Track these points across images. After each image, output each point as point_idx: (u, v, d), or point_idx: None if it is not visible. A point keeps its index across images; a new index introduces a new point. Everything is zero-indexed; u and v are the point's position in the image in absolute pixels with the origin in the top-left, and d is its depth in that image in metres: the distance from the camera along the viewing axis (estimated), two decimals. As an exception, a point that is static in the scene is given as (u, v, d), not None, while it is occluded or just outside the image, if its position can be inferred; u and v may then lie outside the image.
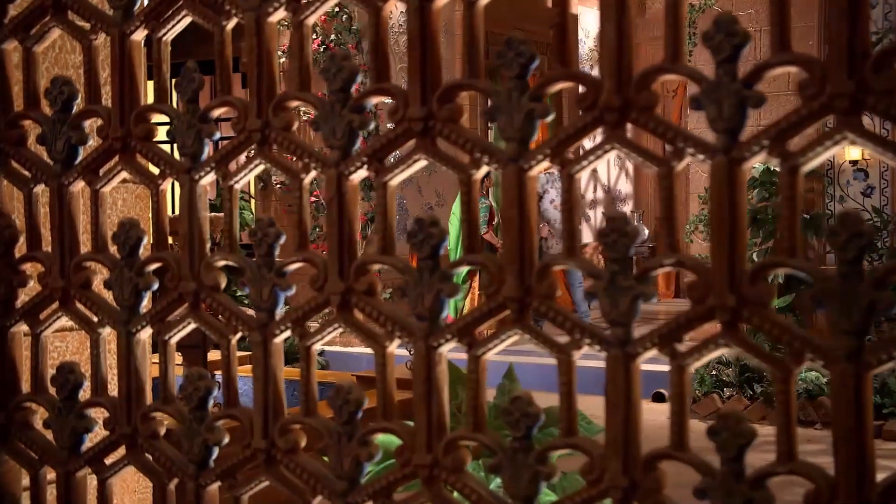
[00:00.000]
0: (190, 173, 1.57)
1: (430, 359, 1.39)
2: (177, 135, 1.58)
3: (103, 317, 1.66)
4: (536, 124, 1.32)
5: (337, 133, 1.44)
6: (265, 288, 1.50)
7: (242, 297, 8.62)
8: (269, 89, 1.51)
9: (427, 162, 1.41)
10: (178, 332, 1.61)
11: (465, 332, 1.37)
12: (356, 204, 1.46)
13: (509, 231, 1.33)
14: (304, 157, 1.48)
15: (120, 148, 1.65)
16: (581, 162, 1.29)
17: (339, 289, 1.45)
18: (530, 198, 1.34)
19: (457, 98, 1.39)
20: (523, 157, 1.32)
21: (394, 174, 1.43)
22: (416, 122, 1.39)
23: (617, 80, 1.26)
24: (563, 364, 1.30)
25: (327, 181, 1.45)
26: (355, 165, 1.44)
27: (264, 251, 1.50)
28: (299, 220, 1.50)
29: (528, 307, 1.33)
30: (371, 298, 1.44)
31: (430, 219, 1.39)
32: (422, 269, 1.38)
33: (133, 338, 1.64)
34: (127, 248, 1.62)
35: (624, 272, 1.26)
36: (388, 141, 1.42)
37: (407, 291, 1.40)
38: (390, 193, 1.44)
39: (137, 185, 2.29)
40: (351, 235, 1.45)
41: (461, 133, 1.37)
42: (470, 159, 1.36)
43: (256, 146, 1.52)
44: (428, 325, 1.38)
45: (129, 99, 1.64)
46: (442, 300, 1.38)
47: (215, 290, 1.57)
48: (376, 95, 1.43)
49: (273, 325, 1.51)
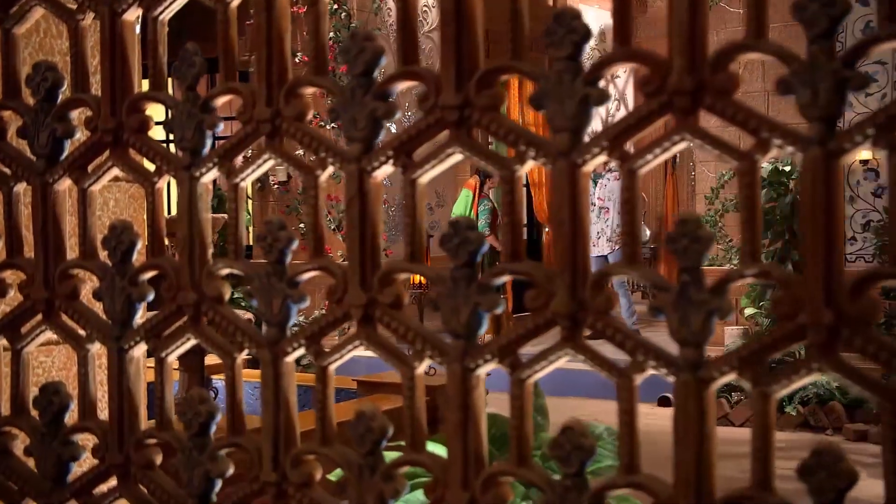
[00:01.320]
0: (190, 170, 1.39)
1: (466, 382, 1.21)
2: (175, 126, 1.40)
3: (92, 331, 1.48)
4: (591, 112, 1.14)
5: (358, 123, 1.26)
6: (276, 300, 1.31)
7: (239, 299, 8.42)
8: (279, 74, 1.33)
9: (462, 156, 1.23)
10: (177, 348, 1.43)
11: (507, 351, 1.19)
12: (380, 204, 1.28)
13: (559, 237, 1.15)
14: (321, 151, 1.30)
15: (111, 141, 1.46)
16: (644, 156, 1.12)
17: (360, 301, 1.27)
18: (583, 198, 1.16)
19: (497, 83, 1.21)
20: (576, 149, 1.14)
21: (424, 170, 1.25)
22: (451, 110, 1.21)
23: (689, 59, 1.08)
24: (623, 390, 1.12)
25: (347, 178, 1.27)
26: (379, 160, 1.26)
27: (275, 258, 1.31)
28: (314, 223, 1.32)
29: (581, 324, 1.15)
30: (397, 312, 1.26)
31: (467, 222, 1.21)
32: (456, 278, 1.20)
33: (126, 355, 1.46)
34: (119, 254, 1.44)
35: (696, 283, 1.08)
36: (418, 132, 1.24)
37: (439, 305, 1.22)
38: (420, 192, 1.26)
39: (131, 183, 2.11)
40: (374, 240, 1.27)
41: (502, 123, 1.19)
42: (514, 153, 1.18)
43: (266, 138, 1.34)
44: (464, 344, 1.20)
45: (121, 86, 1.46)
46: (480, 315, 1.20)
47: (218, 301, 1.39)
48: (404, 80, 1.25)
49: (285, 343, 1.32)
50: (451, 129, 1.22)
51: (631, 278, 10.69)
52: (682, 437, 1.08)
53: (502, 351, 1.19)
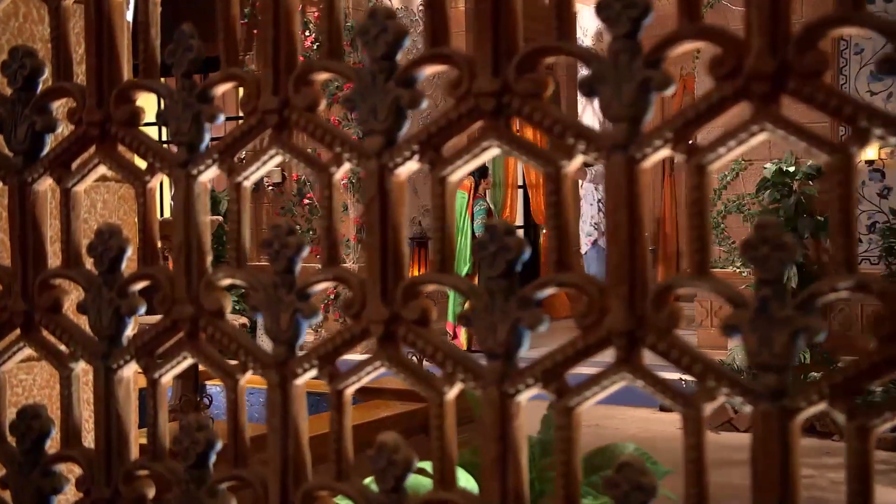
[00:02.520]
0: (186, 167, 1.23)
1: (504, 410, 1.05)
2: (169, 118, 1.24)
3: (76, 348, 1.32)
4: (652, 99, 0.99)
5: (379, 113, 1.10)
6: (284, 314, 1.16)
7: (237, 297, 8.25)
8: (288, 58, 1.18)
9: (500, 151, 1.07)
10: (171, 368, 1.27)
11: (553, 375, 1.04)
12: (403, 206, 1.12)
13: (615, 242, 1.00)
14: (336, 146, 1.14)
15: (97, 135, 1.30)
16: (716, 149, 0.96)
17: (381, 316, 1.11)
18: (643, 198, 1.00)
19: (540, 67, 1.05)
20: (635, 142, 0.99)
21: (455, 166, 1.09)
22: (486, 97, 1.05)
23: (770, 37, 0.92)
24: (690, 422, 0.97)
25: (367, 176, 1.12)
26: (403, 156, 1.10)
27: (283, 266, 1.16)
28: (328, 226, 1.16)
29: (640, 343, 0.99)
30: (423, 329, 1.10)
31: (505, 226, 1.05)
32: (493, 291, 1.04)
33: (114, 375, 1.29)
34: (106, 262, 1.28)
35: (779, 298, 0.92)
36: (448, 123, 1.08)
37: (474, 321, 1.06)
38: (450, 192, 1.10)
39: (120, 183, 1.94)
40: (397, 247, 1.11)
41: (547, 112, 1.04)
42: (561, 147, 1.03)
43: (272, 131, 1.18)
44: (502, 366, 1.05)
45: (109, 74, 1.30)
46: (520, 332, 1.05)
47: (218, 315, 1.23)
48: (432, 63, 1.09)
49: (294, 363, 1.17)
50: (487, 120, 1.06)
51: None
52: (762, 478, 0.93)
53: (547, 374, 1.04)
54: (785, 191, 8.57)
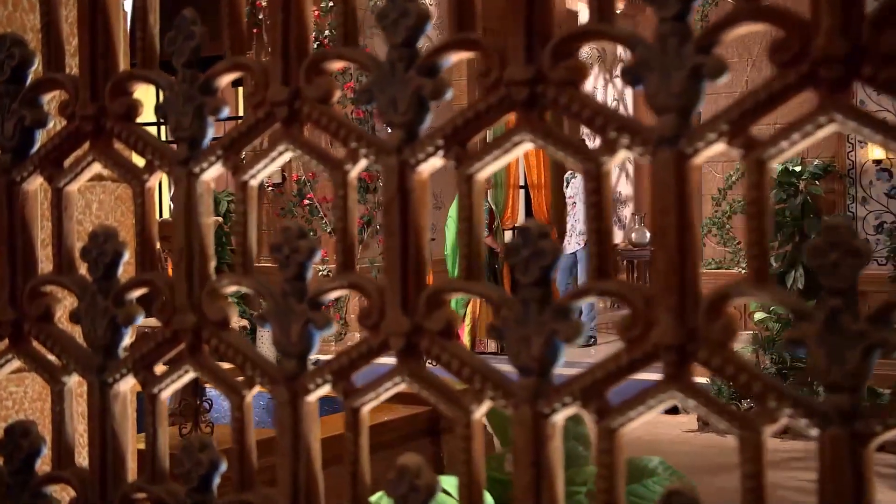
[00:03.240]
0: (187, 165, 1.14)
1: (539, 432, 0.95)
2: (169, 112, 1.14)
3: (69, 361, 1.22)
4: (704, 88, 0.89)
5: (399, 105, 1.00)
6: (294, 325, 1.06)
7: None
8: (299, 45, 1.08)
9: (533, 145, 0.97)
10: (172, 383, 1.17)
11: (593, 393, 0.94)
12: (426, 206, 1.03)
13: (663, 248, 0.90)
14: (352, 141, 1.04)
15: (91, 131, 1.21)
16: (779, 143, 0.86)
17: (402, 327, 1.01)
18: (694, 198, 0.90)
19: (578, 52, 0.96)
20: (685, 135, 0.89)
21: (484, 162, 0.99)
22: (519, 86, 0.96)
23: (842, 18, 0.82)
24: (749, 447, 0.87)
25: (386, 173, 1.02)
26: (426, 151, 1.00)
27: (293, 273, 1.06)
28: (343, 230, 1.06)
29: (691, 358, 0.90)
30: (448, 342, 1.01)
31: (539, 228, 0.95)
32: (527, 301, 0.94)
33: (109, 390, 1.20)
34: (101, 268, 1.18)
35: (850, 309, 0.83)
36: (477, 115, 0.99)
37: (504, 333, 0.96)
38: (478, 192, 1.00)
39: (117, 182, 1.84)
40: (419, 252, 1.02)
41: (586, 103, 0.94)
42: (602, 140, 0.93)
43: (281, 125, 1.09)
44: (536, 383, 0.95)
45: (104, 64, 1.20)
46: (556, 346, 0.95)
47: (223, 326, 1.13)
48: (458, 50, 1.00)
49: (306, 378, 1.07)
50: (520, 111, 0.96)
51: None
52: (832, 509, 0.83)
53: (587, 393, 0.94)
54: (791, 191, 8.47)
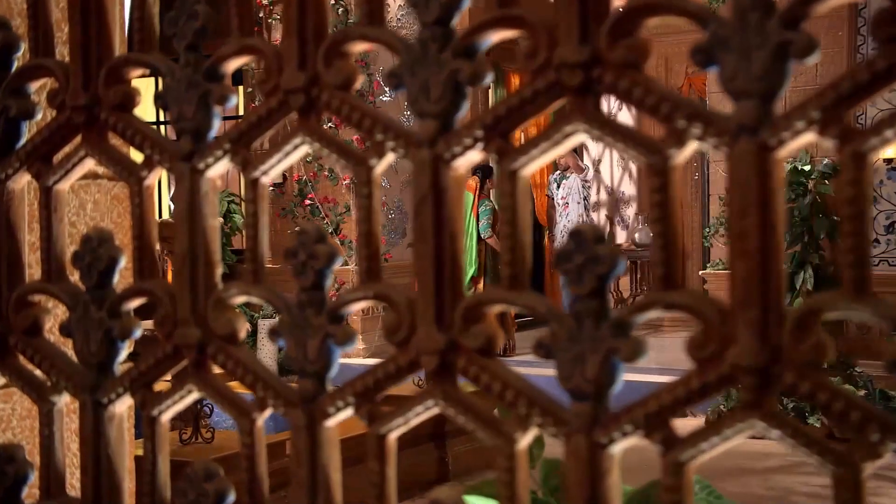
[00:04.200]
0: (191, 160, 1.01)
1: (595, 464, 0.83)
2: (170, 101, 1.02)
3: (59, 379, 1.10)
4: (790, 69, 0.77)
5: (432, 91, 0.88)
6: (312, 340, 0.94)
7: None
8: (317, 26, 0.96)
9: (587, 136, 0.85)
10: (174, 404, 1.05)
11: (658, 421, 0.82)
12: (461, 206, 0.90)
13: (743, 254, 0.78)
14: (378, 132, 0.92)
15: (83, 122, 1.09)
16: (882, 132, 0.74)
17: (435, 344, 0.89)
18: (778, 196, 0.78)
19: (637, 31, 0.84)
20: (768, 124, 0.77)
21: (529, 157, 0.87)
22: (570, 71, 0.83)
23: (960, -14, 0.70)
24: (844, 483, 0.75)
25: (417, 169, 0.90)
26: (463, 144, 0.88)
27: (310, 281, 0.94)
28: (367, 233, 0.94)
29: (775, 383, 0.77)
30: (489, 361, 0.88)
31: (594, 231, 0.83)
32: (580, 314, 0.82)
33: (104, 411, 1.08)
34: (94, 275, 1.06)
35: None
36: (522, 103, 0.86)
37: (554, 351, 0.84)
38: (522, 190, 0.88)
39: (114, 181, 1.70)
40: (455, 259, 0.89)
41: (650, 88, 0.82)
42: (668, 130, 0.81)
43: (297, 115, 0.97)
44: (591, 408, 0.83)
45: (98, 48, 1.08)
46: (615, 366, 0.83)
47: (230, 340, 1.01)
48: (499, 29, 0.87)
49: (325, 400, 0.95)
50: (572, 98, 0.84)
51: None
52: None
53: (651, 420, 0.82)
54: (800, 190, 8.33)
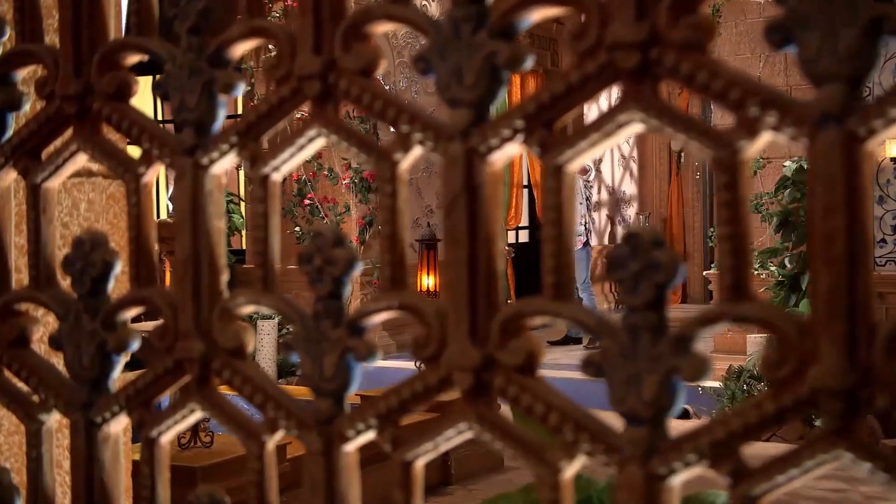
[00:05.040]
0: (194, 155, 0.92)
1: (652, 498, 0.73)
2: (171, 89, 0.92)
3: (49, 395, 1.00)
4: (880, 47, 0.67)
5: (466, 76, 0.78)
6: (329, 355, 0.84)
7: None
8: (334, 6, 0.86)
9: (643, 126, 0.75)
10: (175, 424, 0.95)
11: (726, 450, 0.72)
12: (498, 207, 0.81)
13: (828, 260, 0.68)
14: (404, 123, 0.82)
15: (75, 113, 0.99)
16: None
17: (470, 361, 0.79)
18: (867, 192, 0.69)
19: (701, 7, 0.74)
20: (856, 112, 0.67)
21: (577, 150, 0.77)
22: (625, 52, 0.74)
23: None
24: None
25: (448, 164, 0.80)
26: (500, 135, 0.78)
27: (327, 290, 0.84)
28: (391, 236, 0.84)
29: (864, 407, 0.68)
30: (530, 380, 0.78)
31: (653, 235, 0.73)
32: (635, 328, 0.73)
33: (98, 431, 0.98)
34: (87, 282, 0.97)
35: None
36: (569, 89, 0.76)
37: (605, 369, 0.75)
38: (568, 185, 0.78)
39: (110, 179, 1.60)
40: (490, 265, 0.80)
41: (716, 71, 0.72)
42: (739, 120, 0.71)
43: (313, 105, 0.87)
44: (648, 435, 0.73)
45: (90, 32, 0.98)
46: (675, 387, 0.73)
47: (237, 354, 0.91)
48: (541, 5, 0.78)
49: (343, 422, 0.85)
50: (627, 83, 0.74)
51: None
52: None
53: (717, 449, 0.72)
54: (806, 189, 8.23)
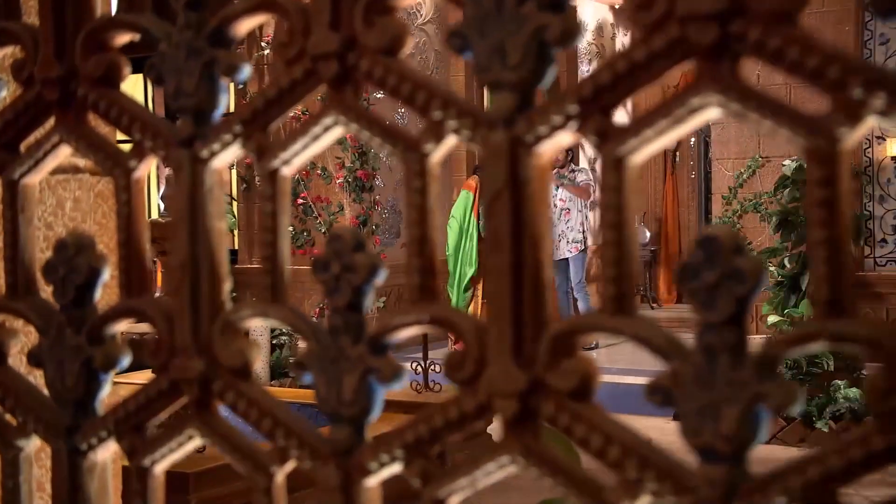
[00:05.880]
0: (192, 146, 0.80)
1: (733, 547, 0.62)
2: (166, 72, 0.81)
3: (27, 419, 0.89)
4: None
5: (510, 56, 0.67)
6: (348, 376, 0.73)
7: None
8: (353, -26, 0.75)
9: (719, 111, 0.64)
10: (170, 453, 0.84)
11: (822, 492, 0.61)
12: (546, 205, 0.70)
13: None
14: (436, 108, 0.71)
15: (57, 100, 0.88)
16: None
17: (514, 385, 0.68)
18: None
19: (790, -29, 0.63)
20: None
21: (642, 138, 0.66)
22: (701, 25, 0.63)
23: None
24: None
25: (489, 156, 0.69)
26: (550, 122, 0.67)
27: (345, 300, 0.73)
28: (419, 240, 0.73)
29: None
30: (585, 407, 0.68)
31: (732, 239, 0.63)
32: (711, 349, 0.62)
33: (83, 460, 0.86)
34: (71, 290, 0.85)
35: None
36: (631, 68, 0.65)
37: (675, 396, 0.64)
38: (631, 182, 0.67)
39: (98, 175, 1.47)
40: (538, 272, 0.69)
41: (809, 46, 0.61)
42: (835, 102, 0.60)
43: (329, 88, 0.76)
44: (726, 474, 0.62)
45: (73, 9, 0.87)
46: (759, 418, 0.62)
47: (241, 374, 0.80)
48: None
49: (364, 453, 0.74)
50: (702, 61, 0.63)
51: None
52: None
53: (813, 492, 0.61)
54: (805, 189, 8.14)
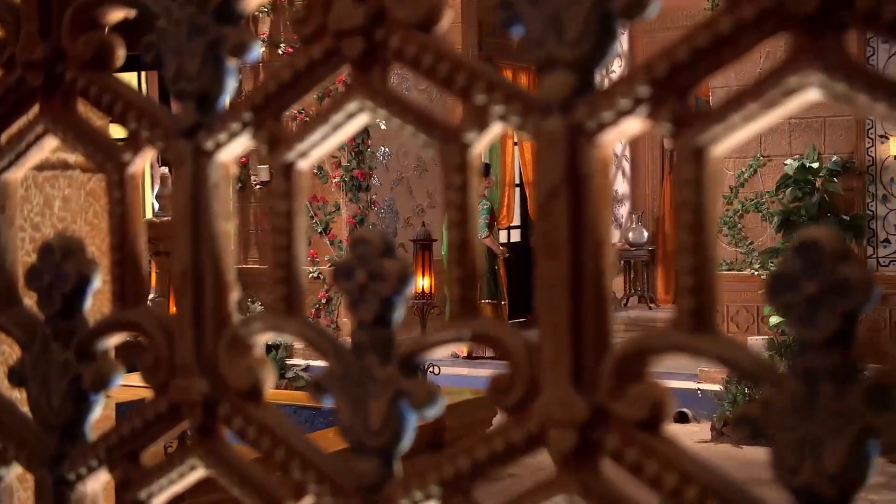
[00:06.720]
0: (195, 136, 0.71)
1: None
2: (166, 51, 0.71)
3: (8, 445, 0.79)
4: None
5: (568, 29, 0.58)
6: (376, 401, 0.63)
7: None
8: (381, -62, 0.65)
9: (821, 93, 0.55)
10: (168, 485, 0.74)
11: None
12: (608, 204, 0.60)
13: None
14: (478, 93, 0.61)
15: (42, 85, 0.78)
16: None
17: (572, 414, 0.58)
18: None
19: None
20: None
21: (726, 125, 0.56)
22: None
23: None
24: None
25: (544, 146, 0.59)
26: (615, 107, 0.58)
27: (371, 313, 0.63)
28: (461, 244, 0.63)
29: None
30: (657, 440, 0.58)
31: (837, 244, 0.53)
32: (811, 373, 0.52)
33: (70, 492, 0.77)
34: (58, 299, 0.75)
35: None
36: (715, 42, 0.56)
37: (766, 428, 0.54)
38: (711, 177, 0.58)
39: (89, 171, 1.36)
40: (600, 282, 0.59)
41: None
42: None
43: (353, 69, 0.66)
44: (829, 520, 0.53)
45: (62, -18, 0.77)
46: (867, 455, 0.53)
47: (250, 397, 0.70)
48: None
49: (393, 488, 0.64)
50: (797, 35, 0.54)
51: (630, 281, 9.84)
52: None
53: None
54: (807, 189, 8.06)
